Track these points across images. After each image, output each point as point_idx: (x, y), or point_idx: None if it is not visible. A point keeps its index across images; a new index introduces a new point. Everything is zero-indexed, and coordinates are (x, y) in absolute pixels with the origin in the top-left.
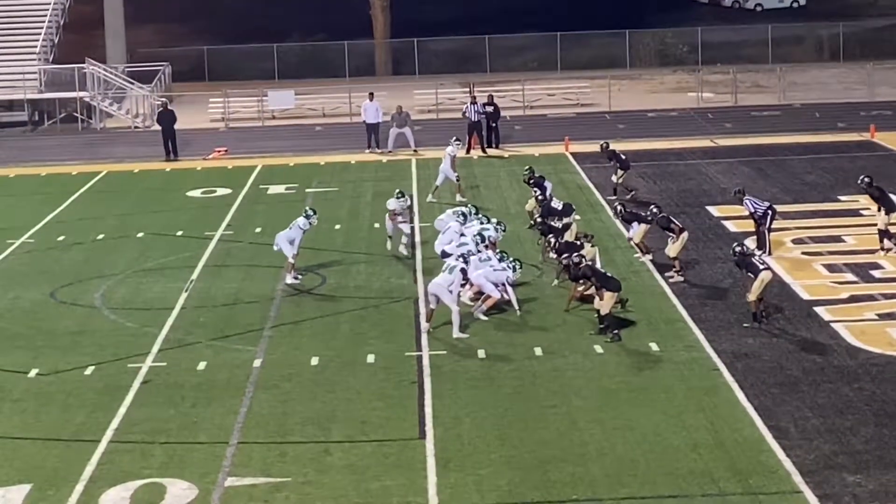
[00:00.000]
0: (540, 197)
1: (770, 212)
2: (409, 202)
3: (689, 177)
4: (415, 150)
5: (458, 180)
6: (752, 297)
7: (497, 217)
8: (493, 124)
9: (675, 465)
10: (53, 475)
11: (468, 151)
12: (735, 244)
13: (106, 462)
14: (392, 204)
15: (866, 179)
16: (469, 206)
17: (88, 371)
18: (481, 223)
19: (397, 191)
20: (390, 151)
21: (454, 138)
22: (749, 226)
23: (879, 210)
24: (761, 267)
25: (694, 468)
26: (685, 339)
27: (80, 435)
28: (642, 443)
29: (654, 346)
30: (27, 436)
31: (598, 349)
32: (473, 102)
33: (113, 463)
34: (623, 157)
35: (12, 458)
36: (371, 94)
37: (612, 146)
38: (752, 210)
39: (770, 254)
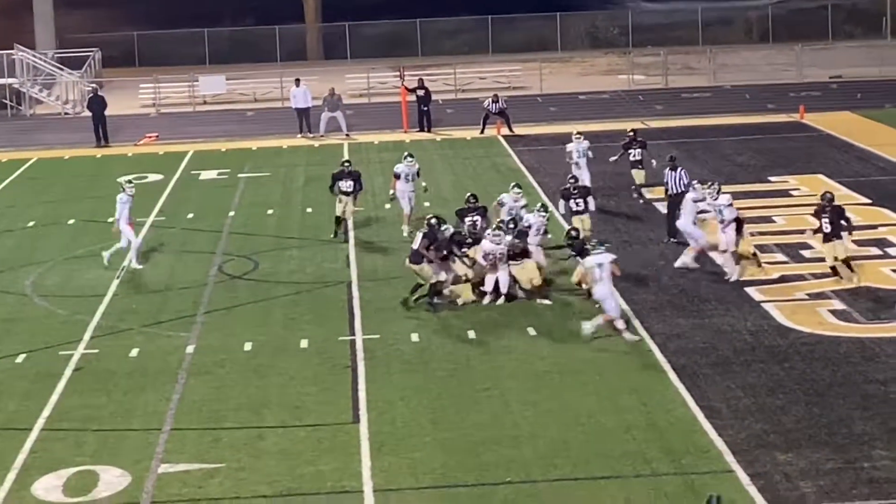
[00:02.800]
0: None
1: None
2: (416, 165)
3: (619, 159)
4: (347, 135)
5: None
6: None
7: (430, 200)
8: (425, 108)
9: (608, 447)
10: None
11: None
12: (571, 228)
13: (38, 450)
14: (401, 168)
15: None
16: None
17: (19, 359)
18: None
19: (406, 153)
20: (322, 135)
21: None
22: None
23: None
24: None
25: (627, 449)
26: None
27: (12, 423)
28: (575, 425)
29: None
30: None
31: (532, 331)
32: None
33: (45, 451)
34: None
35: None
36: (297, 80)
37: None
38: (672, 184)
39: (673, 237)
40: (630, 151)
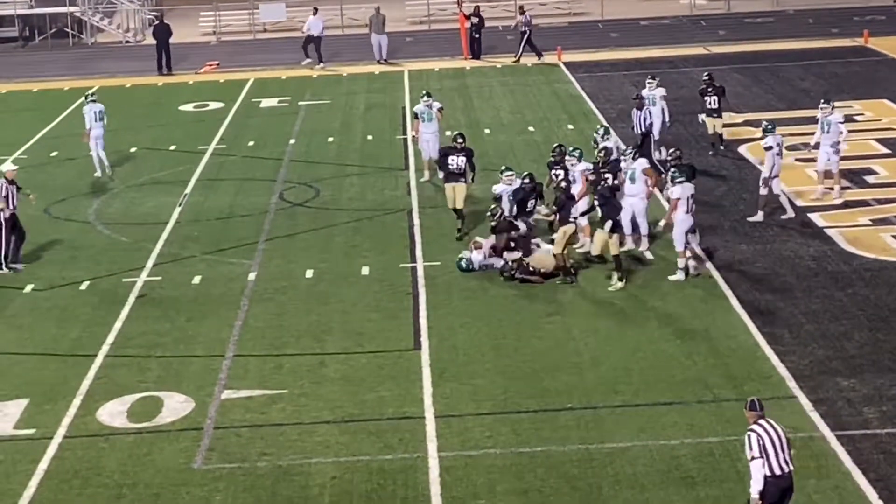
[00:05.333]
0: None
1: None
2: (436, 104)
3: (682, 84)
4: (384, 60)
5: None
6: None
7: (490, 127)
8: (477, 35)
9: (670, 373)
10: (50, 390)
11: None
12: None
13: (102, 376)
14: (419, 108)
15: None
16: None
17: (83, 286)
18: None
19: (424, 92)
20: (382, 61)
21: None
22: (747, 133)
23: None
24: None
25: (688, 376)
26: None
27: (77, 350)
28: (637, 351)
29: (648, 255)
30: (23, 351)
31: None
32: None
33: (109, 377)
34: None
35: (9, 374)
36: (315, 9)
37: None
38: (638, 122)
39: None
40: (706, 98)
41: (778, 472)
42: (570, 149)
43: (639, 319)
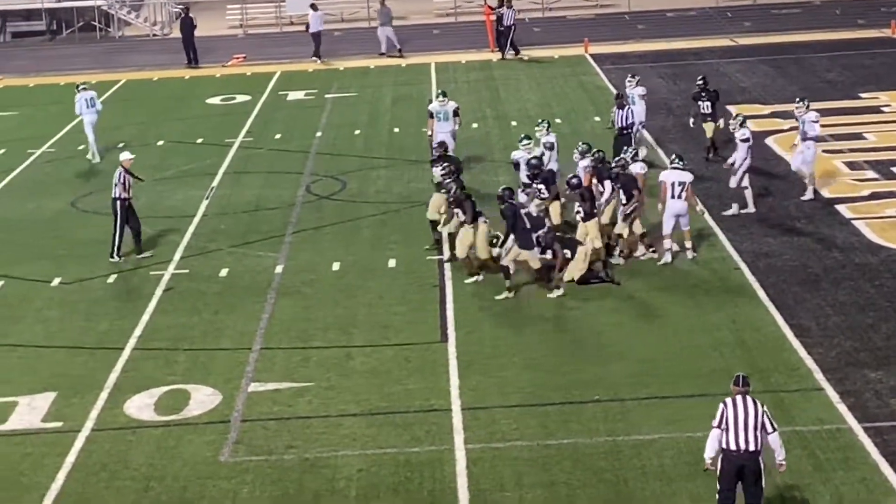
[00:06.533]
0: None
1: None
2: (451, 104)
3: (709, 76)
4: (399, 51)
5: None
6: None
7: (517, 120)
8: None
9: (697, 365)
10: (78, 383)
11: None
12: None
13: (130, 369)
14: (434, 107)
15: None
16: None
17: (111, 279)
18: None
19: (439, 91)
20: (384, 54)
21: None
22: (773, 125)
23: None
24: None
25: (715, 367)
26: (706, 239)
27: (104, 343)
28: (663, 344)
29: (675, 247)
30: (51, 344)
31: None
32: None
33: (137, 370)
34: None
35: (37, 367)
36: (313, 5)
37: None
38: (619, 120)
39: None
40: (699, 103)
41: (733, 447)
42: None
43: (665, 312)
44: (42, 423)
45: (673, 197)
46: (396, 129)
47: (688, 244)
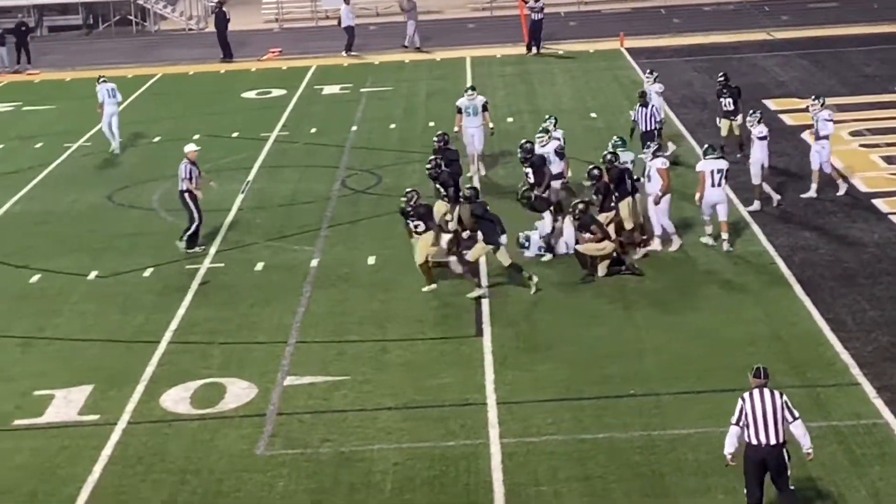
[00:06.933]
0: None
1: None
2: (481, 98)
3: (744, 71)
4: (416, 48)
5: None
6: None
7: (551, 113)
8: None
9: (732, 360)
10: (115, 376)
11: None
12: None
13: (166, 362)
14: (462, 102)
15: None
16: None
17: (147, 273)
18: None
19: (468, 86)
20: (412, 47)
21: None
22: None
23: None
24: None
25: (751, 362)
26: (742, 234)
27: (140, 336)
28: (698, 338)
29: (710, 241)
30: (88, 337)
31: (655, 246)
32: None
33: (173, 363)
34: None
35: (74, 360)
36: (346, 0)
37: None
38: (641, 118)
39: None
40: (721, 100)
41: (754, 441)
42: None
43: (700, 306)
44: (79, 416)
45: (713, 185)
46: (432, 124)
47: (724, 235)
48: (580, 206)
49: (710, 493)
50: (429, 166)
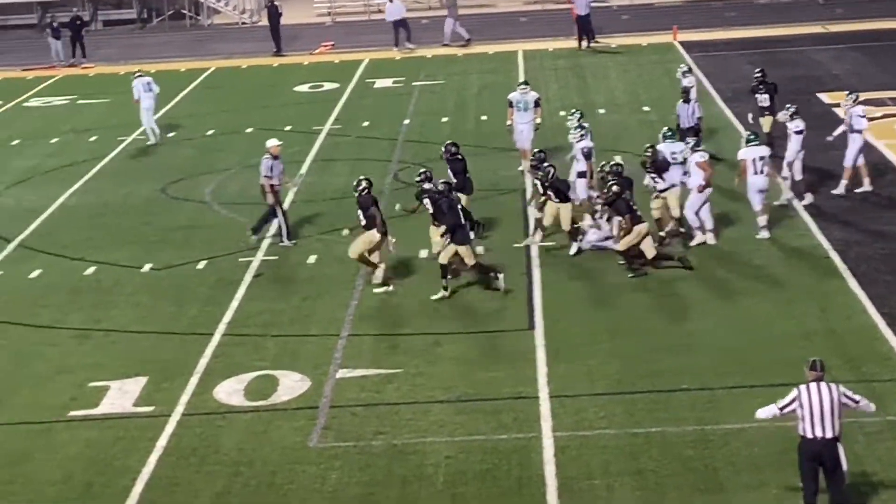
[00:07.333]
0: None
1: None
2: (533, 94)
3: (800, 64)
4: (445, 45)
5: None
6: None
7: (605, 107)
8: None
9: (786, 354)
10: (168, 368)
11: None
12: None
13: (220, 355)
14: (514, 96)
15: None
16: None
17: (201, 265)
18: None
19: (521, 81)
20: (447, 44)
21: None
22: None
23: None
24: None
25: (805, 356)
26: (796, 228)
27: (194, 328)
28: (751, 332)
29: (764, 234)
30: (142, 329)
31: (709, 239)
32: None
33: (226, 355)
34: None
35: (128, 352)
36: None
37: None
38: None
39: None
40: (757, 96)
41: (810, 435)
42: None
43: (753, 300)
44: (133, 408)
45: (756, 173)
46: (484, 118)
47: (763, 222)
48: (614, 188)
49: (765, 488)
50: (418, 178)
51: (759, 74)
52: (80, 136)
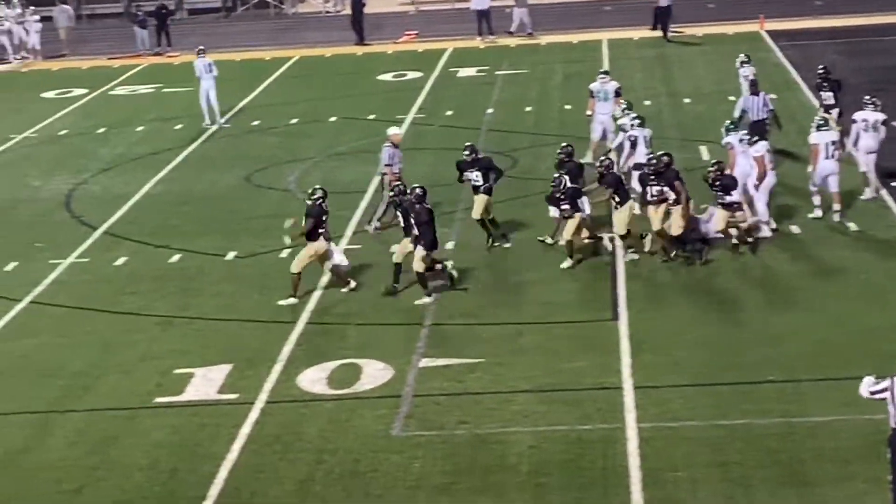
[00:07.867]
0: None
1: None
2: (613, 83)
3: (891, 53)
4: (512, 33)
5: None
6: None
7: (690, 97)
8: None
9: (874, 347)
10: (252, 355)
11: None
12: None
13: (303, 343)
14: (594, 86)
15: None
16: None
17: (284, 254)
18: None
19: (602, 70)
20: (510, 34)
21: None
22: None
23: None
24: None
25: (894, 349)
26: (886, 219)
27: (278, 316)
28: (839, 324)
29: (853, 226)
30: (226, 317)
31: (796, 229)
32: None
33: (310, 344)
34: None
35: (213, 339)
36: None
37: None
38: (753, 107)
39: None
40: (821, 93)
41: None
42: (728, 123)
43: (841, 291)
44: (218, 395)
45: (826, 157)
46: (568, 107)
47: (836, 206)
48: (665, 157)
49: (852, 482)
50: (391, 194)
51: (822, 71)
52: (165, 124)
